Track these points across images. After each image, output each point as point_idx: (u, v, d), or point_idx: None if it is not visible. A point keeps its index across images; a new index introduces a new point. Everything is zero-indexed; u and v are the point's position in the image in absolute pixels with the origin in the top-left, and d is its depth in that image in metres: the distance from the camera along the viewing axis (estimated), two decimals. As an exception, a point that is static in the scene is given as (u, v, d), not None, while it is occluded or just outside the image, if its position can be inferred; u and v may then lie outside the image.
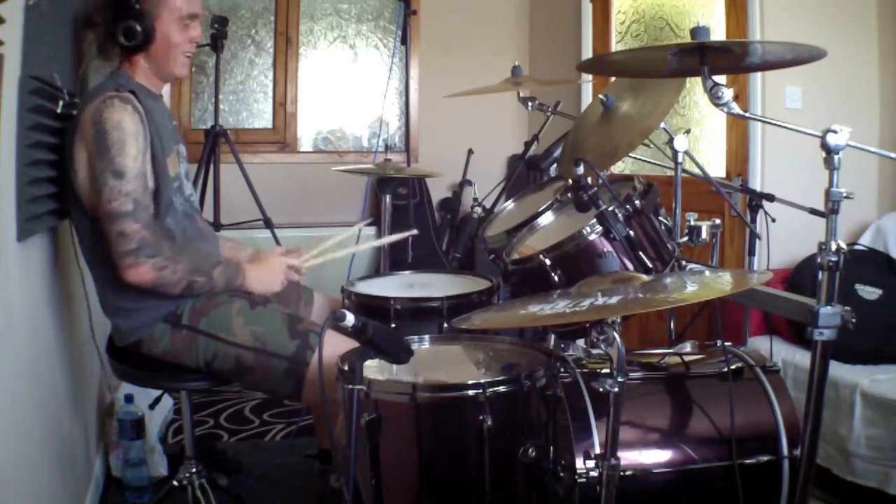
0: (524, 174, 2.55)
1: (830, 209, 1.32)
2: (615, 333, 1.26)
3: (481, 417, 1.38)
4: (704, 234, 1.89)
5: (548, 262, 1.66)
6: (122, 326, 1.87)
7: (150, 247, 1.71)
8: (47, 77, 1.71)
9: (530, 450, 1.43)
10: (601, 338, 1.27)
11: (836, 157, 1.29)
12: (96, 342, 2.16)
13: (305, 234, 4.12)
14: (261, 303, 1.92)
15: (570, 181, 1.67)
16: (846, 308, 1.34)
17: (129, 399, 2.51)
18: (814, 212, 2.16)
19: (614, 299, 1.28)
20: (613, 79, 2.35)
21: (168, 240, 1.80)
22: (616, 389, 1.27)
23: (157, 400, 2.79)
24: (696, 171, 2.29)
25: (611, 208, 1.60)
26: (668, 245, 1.72)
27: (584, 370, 1.61)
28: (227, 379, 1.91)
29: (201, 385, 1.95)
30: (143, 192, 1.74)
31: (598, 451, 1.44)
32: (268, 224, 3.40)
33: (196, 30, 1.92)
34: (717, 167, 3.24)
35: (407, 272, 2.48)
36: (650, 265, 1.64)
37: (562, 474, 1.49)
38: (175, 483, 2.10)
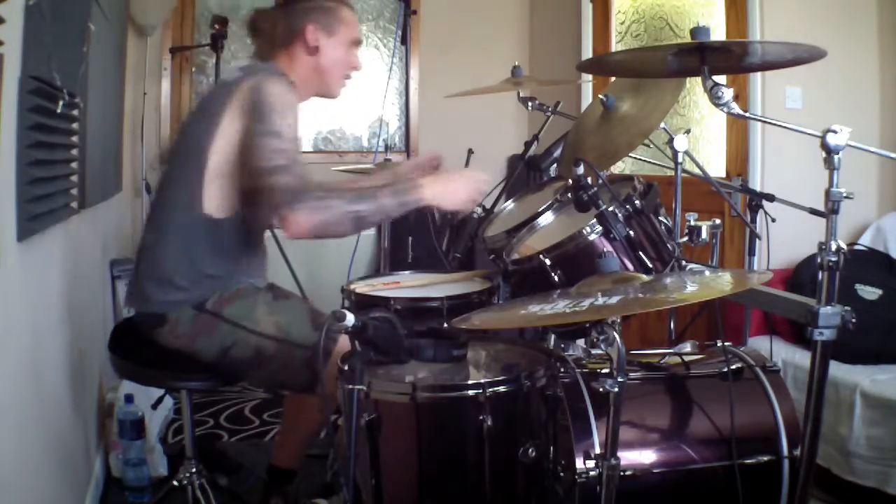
0: (524, 174, 2.55)
1: (830, 209, 1.32)
2: (615, 333, 1.26)
3: (481, 417, 1.38)
4: (704, 234, 1.89)
5: (548, 262, 1.66)
6: (155, 296, 1.83)
7: (301, 194, 1.65)
8: (47, 77, 1.70)
9: (530, 450, 1.43)
10: (601, 338, 1.27)
11: (836, 157, 1.29)
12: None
13: (305, 234, 4.12)
14: (283, 296, 1.92)
15: (570, 181, 1.67)
16: (846, 308, 1.34)
17: (129, 399, 2.51)
18: (814, 212, 2.16)
19: (614, 299, 1.28)
20: (613, 79, 2.35)
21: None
22: (616, 389, 1.27)
23: (160, 400, 2.79)
24: (696, 171, 2.29)
25: (611, 208, 1.60)
26: (668, 245, 1.72)
27: (584, 370, 1.61)
28: (240, 370, 1.87)
29: (203, 385, 1.94)
30: (297, 153, 1.73)
31: (598, 451, 1.44)
32: (268, 224, 3.39)
33: (356, 58, 1.99)
34: (717, 167, 3.24)
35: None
36: (650, 265, 1.64)
37: (562, 474, 1.50)
38: (175, 483, 2.09)
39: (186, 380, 1.92)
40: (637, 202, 1.66)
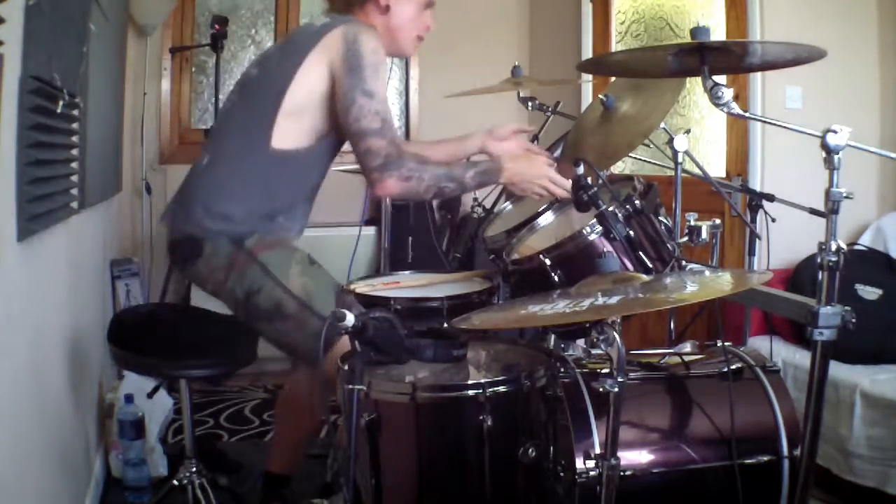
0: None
1: (830, 209, 1.32)
2: (615, 333, 1.26)
3: (481, 417, 1.38)
4: (704, 234, 1.89)
5: (548, 262, 1.66)
6: (200, 220, 1.82)
7: (395, 161, 1.74)
8: (47, 77, 1.70)
9: (530, 450, 1.43)
10: (601, 338, 1.26)
11: (836, 157, 1.29)
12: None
13: (305, 234, 4.12)
14: (318, 265, 1.90)
15: (570, 181, 1.67)
16: (846, 308, 1.34)
17: (129, 399, 2.51)
18: (814, 212, 2.16)
19: (614, 299, 1.28)
20: (613, 79, 2.35)
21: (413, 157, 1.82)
22: (616, 389, 1.27)
23: (156, 389, 2.76)
24: (696, 171, 2.29)
25: (611, 208, 1.60)
26: (668, 245, 1.72)
27: (584, 370, 1.61)
28: (257, 318, 1.83)
29: (201, 373, 1.93)
30: (389, 113, 1.77)
31: (598, 451, 1.44)
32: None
33: (430, 19, 1.99)
34: (717, 167, 3.24)
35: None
36: (650, 265, 1.64)
37: (562, 474, 1.49)
38: (175, 483, 2.10)
39: (185, 367, 1.91)
40: (637, 202, 1.66)
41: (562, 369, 1.58)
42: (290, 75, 1.79)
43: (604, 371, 1.41)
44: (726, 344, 1.75)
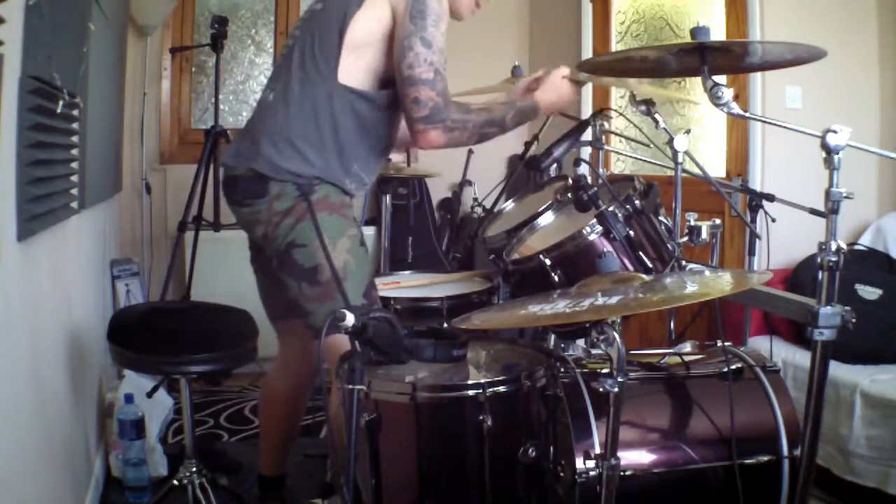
0: (524, 174, 2.55)
1: (830, 209, 1.32)
2: (615, 333, 1.26)
3: (481, 417, 1.38)
4: (704, 234, 1.89)
5: (548, 262, 1.66)
6: (270, 156, 1.80)
7: (440, 112, 1.74)
8: (47, 77, 1.70)
9: (530, 450, 1.43)
10: (601, 338, 1.27)
11: (836, 157, 1.30)
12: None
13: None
14: (365, 249, 1.88)
15: (570, 181, 1.67)
16: (846, 308, 1.34)
17: (129, 399, 2.51)
18: (814, 212, 2.16)
19: (614, 299, 1.28)
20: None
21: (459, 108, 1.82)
22: (616, 389, 1.27)
23: (155, 389, 2.76)
24: (696, 171, 2.29)
25: (611, 208, 1.61)
26: (668, 245, 1.72)
27: (584, 370, 1.61)
28: (289, 271, 1.81)
29: (201, 369, 1.94)
30: (444, 65, 1.78)
31: (598, 451, 1.44)
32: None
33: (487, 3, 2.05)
34: (717, 167, 3.24)
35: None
36: (650, 265, 1.64)
37: (562, 474, 1.50)
38: (175, 483, 2.10)
39: (185, 364, 1.91)
40: (637, 202, 1.66)
41: (562, 369, 1.58)
42: (353, 9, 1.77)
43: (604, 371, 1.41)
44: (726, 344, 1.75)
